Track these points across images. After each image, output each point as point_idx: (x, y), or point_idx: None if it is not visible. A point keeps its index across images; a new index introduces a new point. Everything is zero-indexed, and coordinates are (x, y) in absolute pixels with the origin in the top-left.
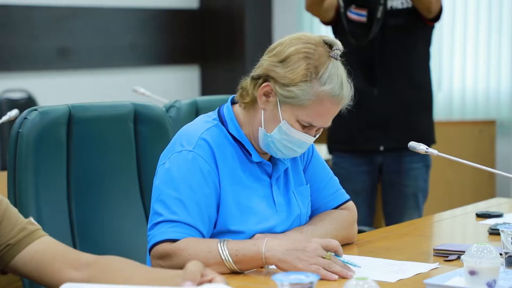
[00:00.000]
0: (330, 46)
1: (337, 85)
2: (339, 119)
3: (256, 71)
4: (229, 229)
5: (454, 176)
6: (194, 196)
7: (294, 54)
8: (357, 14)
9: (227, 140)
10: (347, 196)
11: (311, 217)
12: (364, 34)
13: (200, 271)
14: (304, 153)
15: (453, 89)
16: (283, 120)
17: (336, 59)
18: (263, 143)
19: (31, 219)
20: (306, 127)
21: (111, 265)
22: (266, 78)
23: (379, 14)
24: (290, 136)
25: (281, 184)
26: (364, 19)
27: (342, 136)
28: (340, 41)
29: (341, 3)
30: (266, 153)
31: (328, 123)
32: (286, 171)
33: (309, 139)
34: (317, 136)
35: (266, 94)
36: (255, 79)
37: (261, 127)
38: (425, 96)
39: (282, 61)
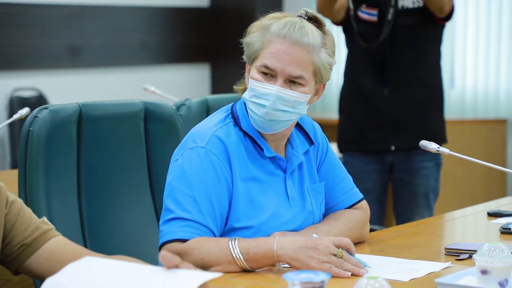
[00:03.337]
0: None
1: (286, 27)
2: (350, 119)
3: None
4: (241, 226)
5: (465, 175)
6: (207, 194)
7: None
8: (367, 14)
9: (239, 137)
10: (361, 195)
11: (324, 215)
12: (375, 34)
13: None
14: (318, 151)
15: (465, 88)
16: (249, 79)
17: (300, 16)
18: (250, 117)
19: (45, 218)
20: (270, 78)
21: None
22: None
23: (389, 16)
24: (254, 90)
25: (296, 179)
26: (374, 18)
27: (353, 136)
28: (351, 41)
29: (351, 6)
30: (279, 148)
31: (287, 67)
32: (300, 166)
33: (273, 88)
34: (292, 93)
35: (248, 71)
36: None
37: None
38: (436, 96)
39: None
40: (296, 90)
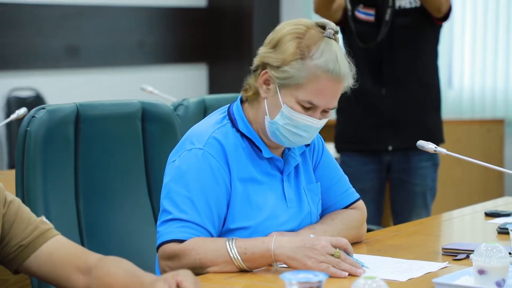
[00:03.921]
0: (323, 27)
1: (331, 60)
2: (348, 119)
3: (254, 62)
4: (239, 226)
5: (462, 175)
6: (204, 195)
7: (285, 36)
8: (365, 14)
9: (237, 138)
10: (357, 195)
11: (321, 215)
12: (372, 34)
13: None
14: (314, 151)
15: (463, 88)
16: (283, 104)
17: (330, 37)
18: (270, 132)
19: (43, 217)
20: (308, 109)
21: (105, 270)
22: (263, 66)
23: (387, 17)
24: (293, 120)
25: (292, 180)
26: (372, 18)
27: (351, 136)
28: (348, 41)
29: (349, 6)
30: (277, 149)
31: (330, 102)
32: (296, 168)
33: (314, 122)
34: (324, 120)
35: (266, 82)
36: (255, 71)
37: (266, 115)
38: (433, 96)
39: (274, 46)
40: (326, 116)
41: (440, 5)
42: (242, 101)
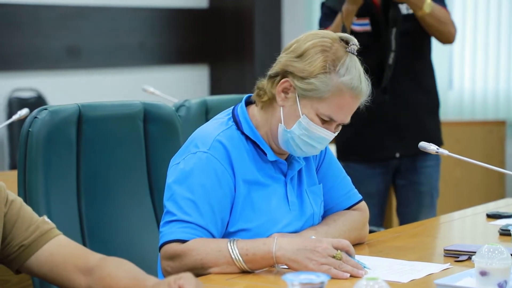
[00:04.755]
0: (346, 42)
1: (356, 78)
2: (352, 127)
3: (274, 68)
4: (241, 228)
5: (464, 177)
6: (207, 198)
7: (311, 48)
8: (360, 25)
9: (241, 141)
10: (360, 196)
11: (323, 217)
12: (371, 44)
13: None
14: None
15: (464, 89)
16: (302, 115)
17: (353, 53)
18: (283, 140)
19: (45, 217)
20: (325, 122)
21: (106, 271)
22: (284, 74)
23: (390, 61)
24: (309, 131)
25: (295, 183)
26: (368, 28)
27: (357, 146)
28: None
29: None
30: (282, 153)
31: (347, 118)
32: (299, 170)
33: (329, 135)
34: (336, 133)
35: (285, 91)
36: (273, 77)
37: (281, 123)
38: (433, 99)
39: (300, 56)
40: (338, 130)
41: (451, 37)
42: (247, 103)
